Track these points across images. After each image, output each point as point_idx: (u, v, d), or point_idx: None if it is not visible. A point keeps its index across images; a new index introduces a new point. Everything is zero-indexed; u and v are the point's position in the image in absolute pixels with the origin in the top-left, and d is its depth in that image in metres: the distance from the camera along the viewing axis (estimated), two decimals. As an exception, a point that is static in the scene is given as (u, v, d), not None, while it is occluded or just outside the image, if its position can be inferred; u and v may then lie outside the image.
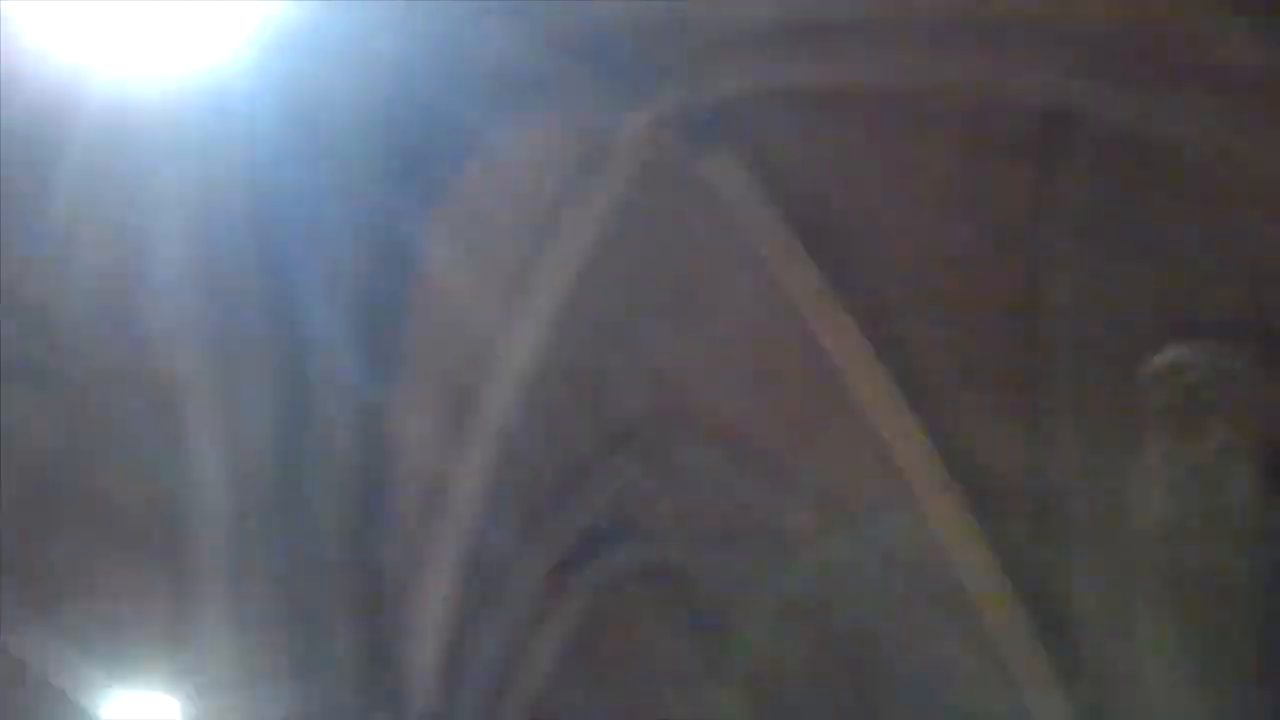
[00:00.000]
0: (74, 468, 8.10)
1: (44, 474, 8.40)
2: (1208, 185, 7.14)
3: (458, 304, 7.67)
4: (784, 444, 9.01)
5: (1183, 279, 7.58)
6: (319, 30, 6.45)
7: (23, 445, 8.09)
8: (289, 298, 7.04)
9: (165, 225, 7.13)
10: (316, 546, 6.84)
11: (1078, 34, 6.38)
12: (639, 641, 10.31)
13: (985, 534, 8.69)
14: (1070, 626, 8.81)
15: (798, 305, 8.15)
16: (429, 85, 6.85)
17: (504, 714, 9.49)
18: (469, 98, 6.96)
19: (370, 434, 7.18)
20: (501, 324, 7.93)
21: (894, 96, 7.20)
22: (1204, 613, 8.17)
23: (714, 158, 7.68)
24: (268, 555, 6.74)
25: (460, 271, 7.61)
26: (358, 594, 6.95)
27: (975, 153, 7.47)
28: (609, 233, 7.76)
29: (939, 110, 7.26)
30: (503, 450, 7.92)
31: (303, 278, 7.08)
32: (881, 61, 6.96)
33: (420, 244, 7.33)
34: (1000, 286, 8.07)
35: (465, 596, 8.01)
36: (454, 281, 7.58)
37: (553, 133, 7.51)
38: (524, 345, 7.90)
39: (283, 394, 6.99)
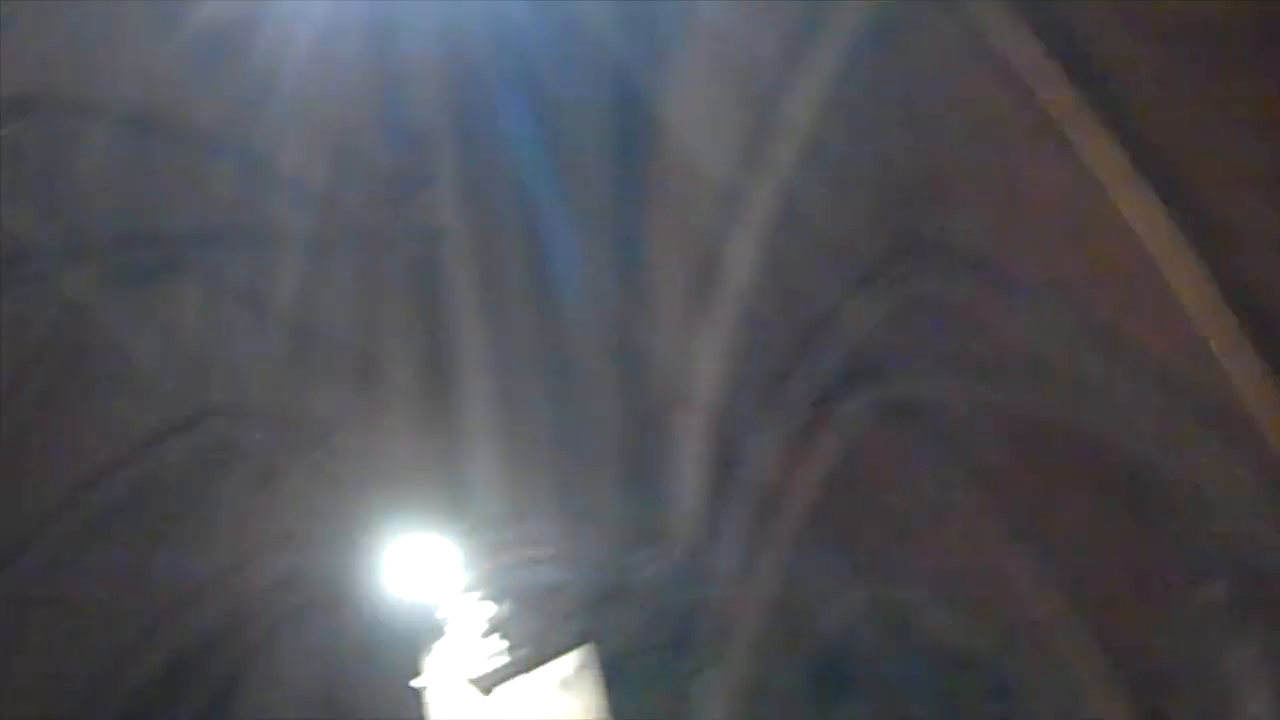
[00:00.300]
0: (342, 326, 8.41)
1: (316, 331, 8.77)
2: None
3: (697, 158, 7.60)
4: (1041, 270, 8.71)
5: None
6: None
7: (298, 306, 8.47)
8: (536, 150, 7.12)
9: (409, 78, 7.26)
10: (580, 391, 6.99)
11: None
12: (892, 480, 10.27)
13: (1261, 357, 8.27)
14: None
15: (1055, 123, 7.77)
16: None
17: (764, 553, 9.62)
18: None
19: (622, 286, 7.25)
20: (741, 177, 7.82)
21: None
22: None
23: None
24: (534, 400, 6.93)
25: (699, 125, 7.53)
26: (620, 437, 7.09)
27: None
28: (851, 67, 7.54)
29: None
30: (746, 302, 7.88)
31: (547, 130, 7.14)
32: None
33: (658, 99, 7.29)
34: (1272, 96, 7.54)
35: (722, 437, 8.05)
36: (693, 136, 7.51)
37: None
38: (763, 197, 7.80)
39: (536, 245, 7.10)
